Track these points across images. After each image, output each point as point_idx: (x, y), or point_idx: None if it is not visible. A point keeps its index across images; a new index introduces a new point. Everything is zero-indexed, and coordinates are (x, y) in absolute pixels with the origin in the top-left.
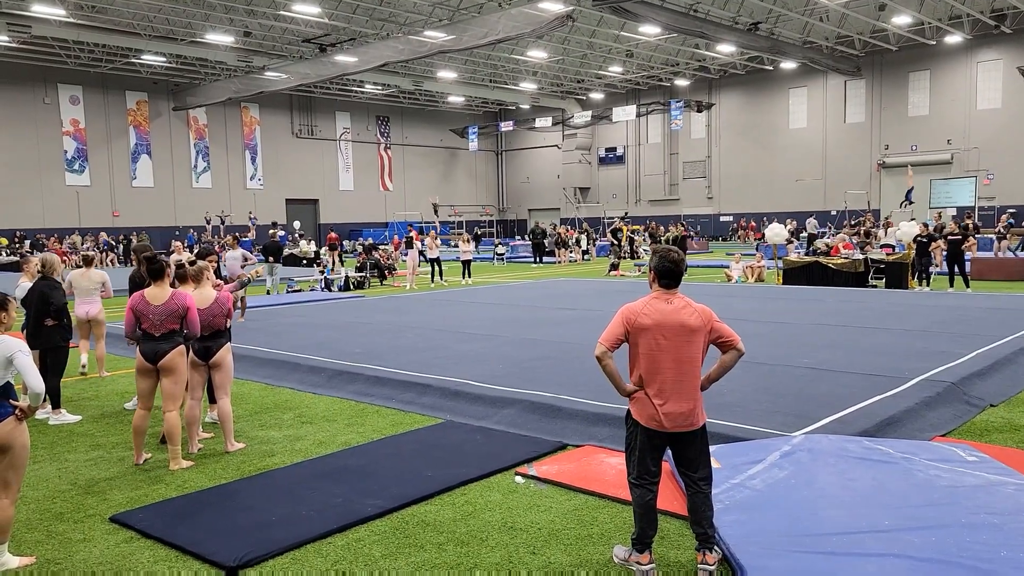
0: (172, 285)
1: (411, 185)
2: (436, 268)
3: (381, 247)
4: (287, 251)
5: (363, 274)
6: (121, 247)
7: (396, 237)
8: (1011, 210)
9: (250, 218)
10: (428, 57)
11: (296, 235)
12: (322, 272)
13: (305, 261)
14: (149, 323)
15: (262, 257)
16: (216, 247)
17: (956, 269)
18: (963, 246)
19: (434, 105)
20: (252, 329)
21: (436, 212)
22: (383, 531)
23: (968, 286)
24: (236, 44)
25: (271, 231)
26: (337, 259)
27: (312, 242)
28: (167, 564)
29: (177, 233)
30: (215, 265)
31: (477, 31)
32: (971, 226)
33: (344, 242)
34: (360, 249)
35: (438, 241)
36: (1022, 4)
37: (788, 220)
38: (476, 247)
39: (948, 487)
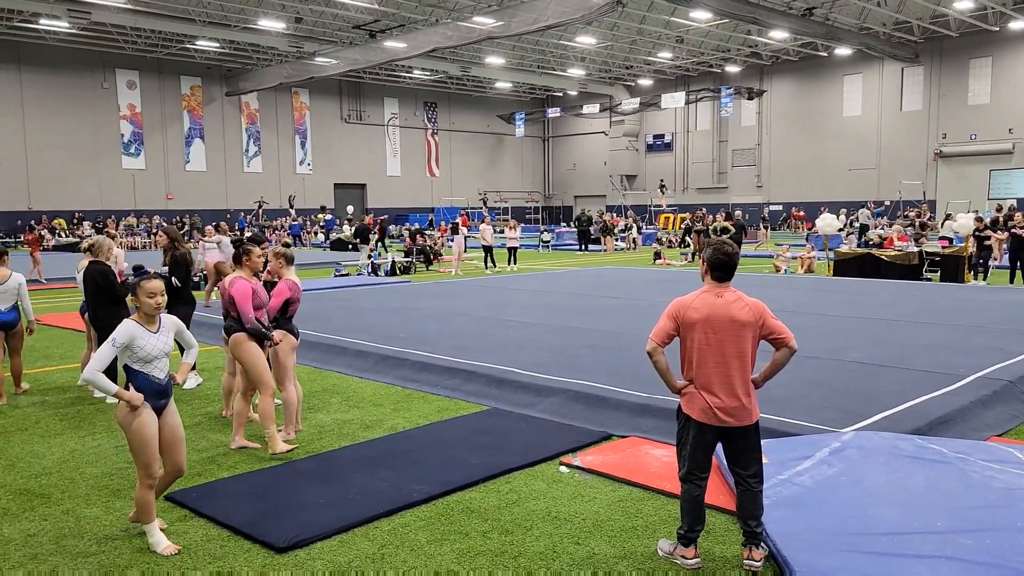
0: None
1: (457, 171)
2: (488, 255)
3: (427, 232)
4: (334, 235)
5: (409, 259)
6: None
7: (442, 223)
8: None
9: (290, 202)
10: (476, 43)
11: (347, 219)
12: (369, 256)
13: (351, 246)
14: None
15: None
16: (267, 232)
17: (1020, 264)
18: None
19: (481, 91)
20: (300, 313)
21: (485, 204)
22: (428, 517)
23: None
24: (287, 30)
25: (361, 216)
26: (374, 244)
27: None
28: (219, 543)
29: (228, 216)
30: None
31: (526, 17)
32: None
33: (391, 227)
34: (406, 235)
35: (492, 228)
36: None
37: (862, 209)
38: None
39: (1004, 489)
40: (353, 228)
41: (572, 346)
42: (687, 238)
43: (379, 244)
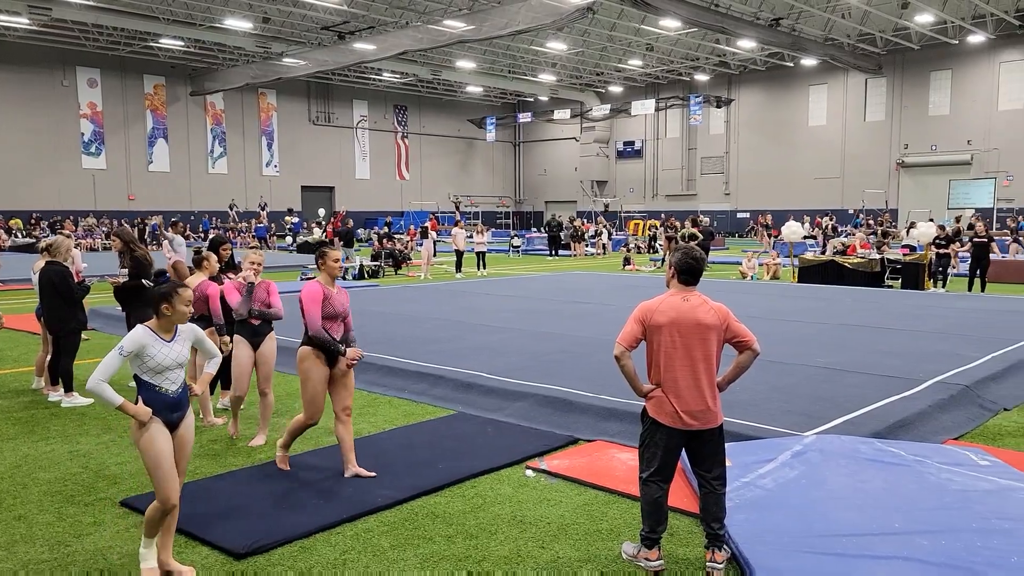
0: (191, 271)
1: (428, 174)
2: (459, 260)
3: (396, 236)
4: (301, 238)
5: (378, 263)
6: (136, 230)
7: (411, 227)
8: None
9: (260, 205)
10: (447, 46)
11: (315, 222)
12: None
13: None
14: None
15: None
16: (229, 233)
17: (979, 272)
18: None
19: (452, 95)
20: None
21: (458, 209)
22: (392, 522)
23: (984, 289)
24: (254, 30)
25: (346, 219)
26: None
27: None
28: (177, 549)
29: (192, 218)
30: (228, 253)
31: (497, 21)
32: (982, 228)
33: (359, 230)
34: (374, 238)
35: (465, 233)
36: None
37: (820, 217)
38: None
39: (960, 491)
40: (322, 231)
41: (540, 351)
42: (656, 244)
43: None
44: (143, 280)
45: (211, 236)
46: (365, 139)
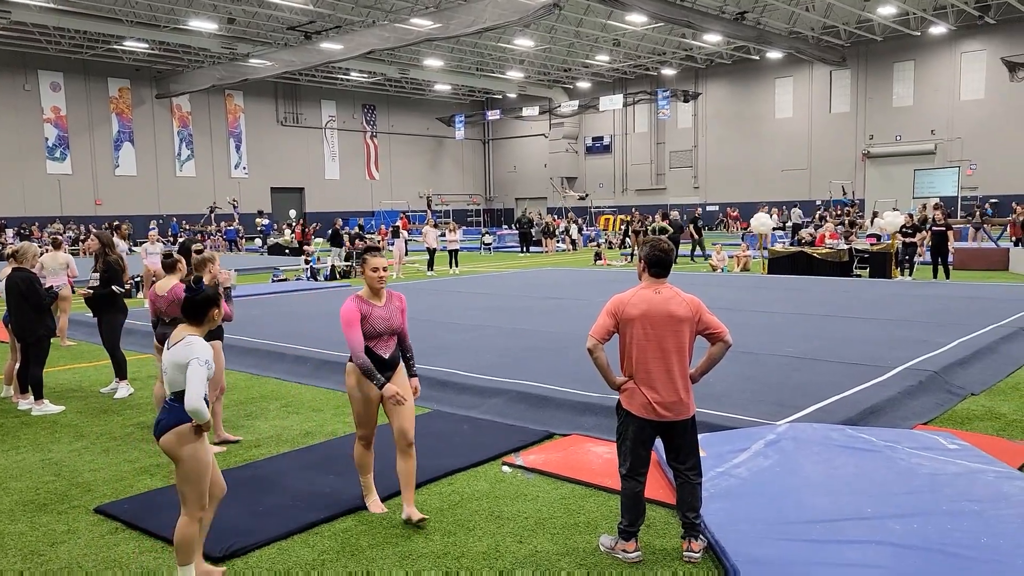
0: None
1: (397, 173)
2: (431, 258)
3: (370, 236)
4: (272, 240)
5: (349, 263)
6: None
7: (382, 227)
8: (993, 200)
9: (232, 205)
10: (414, 45)
11: (287, 223)
12: (307, 261)
13: (288, 251)
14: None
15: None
16: (199, 236)
17: (940, 260)
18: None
19: (420, 93)
20: (236, 319)
21: (430, 206)
22: (370, 521)
23: (948, 277)
24: (219, 31)
25: (335, 220)
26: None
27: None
28: (153, 555)
29: (160, 222)
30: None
31: (464, 19)
32: (941, 216)
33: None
34: (346, 238)
35: (436, 231)
36: None
37: (775, 210)
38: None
39: (929, 475)
40: (292, 233)
41: (514, 347)
42: (627, 239)
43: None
44: (112, 287)
45: (180, 240)
46: (334, 139)
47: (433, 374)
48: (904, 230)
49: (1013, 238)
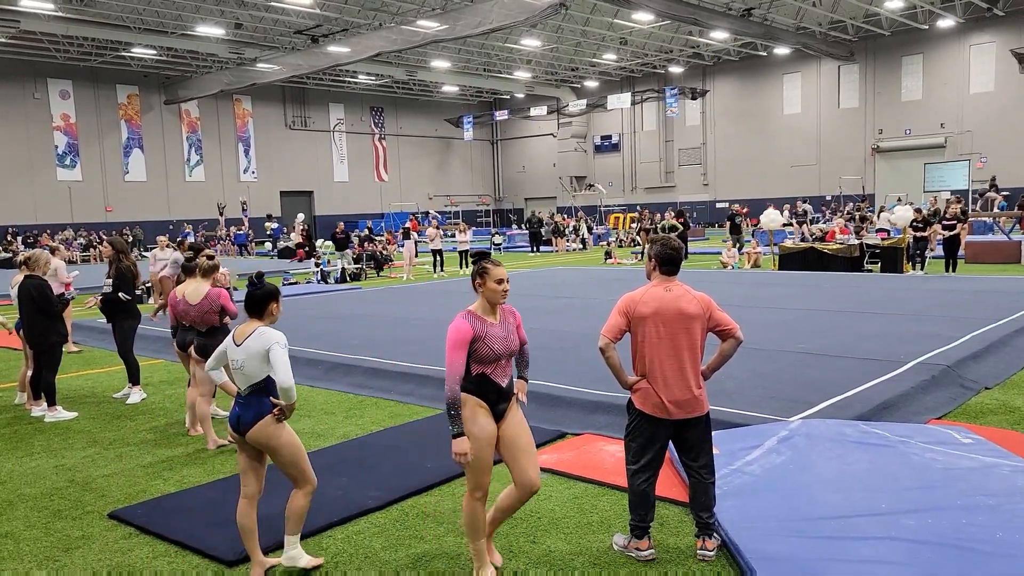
0: (179, 280)
1: (406, 175)
2: (437, 259)
3: (377, 238)
4: (281, 244)
5: (359, 266)
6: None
7: (388, 232)
8: (1005, 193)
9: (242, 210)
10: (421, 47)
11: (295, 225)
12: (318, 264)
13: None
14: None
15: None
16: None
17: (961, 253)
18: (959, 231)
19: (428, 95)
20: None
21: (427, 213)
22: (383, 523)
23: (955, 271)
24: (227, 36)
25: (337, 224)
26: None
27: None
28: (167, 559)
29: (171, 228)
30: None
31: (470, 20)
32: (960, 211)
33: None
34: (355, 241)
35: (440, 232)
36: None
37: (786, 205)
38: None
39: (944, 469)
40: (302, 236)
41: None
42: (637, 237)
43: (331, 252)
44: (120, 293)
45: (188, 243)
46: (342, 142)
47: (444, 376)
48: (915, 224)
49: None
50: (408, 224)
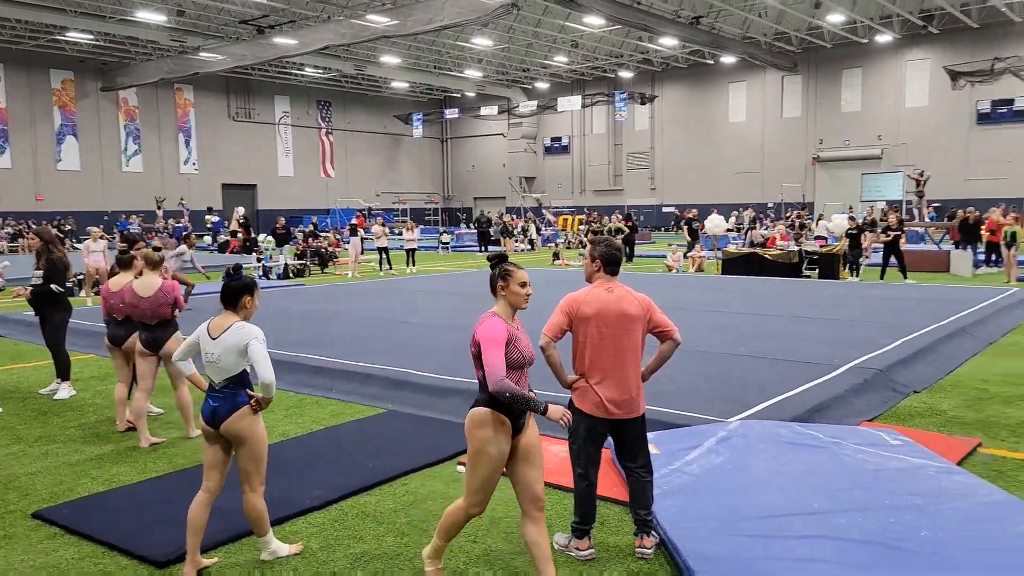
0: (113, 272)
1: (354, 171)
2: (384, 257)
3: (323, 234)
4: (222, 238)
5: (303, 262)
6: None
7: (334, 228)
8: (936, 204)
9: (181, 202)
10: (371, 42)
11: (237, 219)
12: (259, 260)
13: (239, 248)
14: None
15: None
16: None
17: (892, 261)
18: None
19: (377, 90)
20: (185, 319)
21: (369, 213)
22: (321, 523)
23: (905, 276)
24: (168, 23)
25: (277, 219)
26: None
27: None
28: (94, 560)
29: (106, 218)
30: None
31: (421, 16)
32: (896, 220)
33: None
34: (299, 236)
35: (386, 229)
36: (948, 6)
37: (737, 211)
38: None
39: (874, 470)
40: (241, 231)
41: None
42: (585, 239)
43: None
44: (52, 285)
45: (123, 235)
46: (288, 135)
47: (389, 374)
48: (849, 232)
49: (953, 241)
50: (355, 220)
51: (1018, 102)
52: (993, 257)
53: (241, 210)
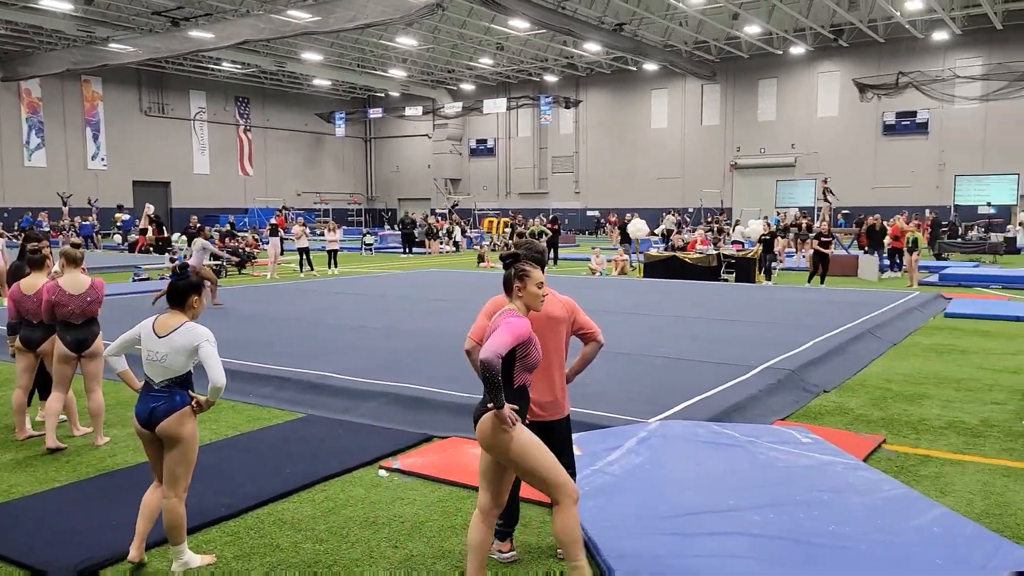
0: (24, 273)
1: (273, 170)
2: (304, 258)
3: (240, 234)
4: (132, 237)
5: (219, 262)
6: None
7: (253, 228)
8: (844, 211)
9: (90, 203)
10: (291, 38)
11: (147, 216)
12: (172, 260)
13: (152, 248)
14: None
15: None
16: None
17: (821, 266)
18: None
19: (298, 87)
20: (108, 320)
21: (282, 209)
22: (236, 531)
23: (823, 282)
24: (75, 12)
25: (190, 218)
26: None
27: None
28: None
29: (6, 215)
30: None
31: (344, 13)
32: (805, 226)
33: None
34: (215, 236)
35: (307, 229)
36: (857, 21)
37: (672, 213)
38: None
39: (785, 468)
40: (152, 229)
41: (393, 348)
42: (510, 242)
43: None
44: None
45: (25, 233)
46: (204, 132)
47: (308, 377)
48: (763, 237)
49: (861, 246)
50: (274, 220)
51: (920, 115)
52: (897, 262)
53: (151, 207)
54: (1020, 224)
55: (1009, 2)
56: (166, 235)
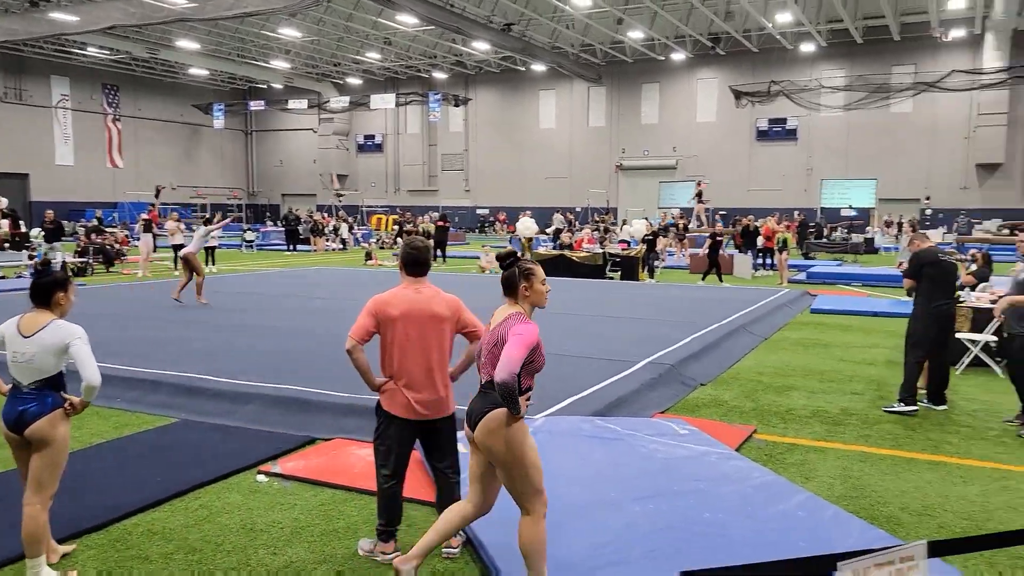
0: None
1: (145, 162)
2: (175, 255)
3: (110, 230)
4: None
5: (85, 259)
6: None
7: (123, 224)
8: (721, 212)
9: None
10: (166, 24)
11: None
12: (31, 257)
13: (8, 244)
14: None
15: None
16: None
17: (716, 266)
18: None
19: (173, 76)
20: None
21: (157, 195)
22: (101, 544)
23: (721, 280)
24: None
25: (46, 213)
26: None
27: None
28: None
29: None
30: None
31: (223, 1)
32: (683, 226)
33: (63, 222)
34: (81, 232)
35: (181, 225)
36: (732, 30)
37: (565, 213)
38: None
39: (664, 459)
40: (7, 224)
41: (274, 349)
42: (399, 239)
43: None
44: None
45: None
46: (67, 120)
47: (179, 380)
48: (646, 237)
49: (736, 246)
50: (147, 215)
51: (790, 122)
52: (768, 261)
53: (4, 201)
54: (878, 226)
55: (868, 19)
56: (23, 230)
